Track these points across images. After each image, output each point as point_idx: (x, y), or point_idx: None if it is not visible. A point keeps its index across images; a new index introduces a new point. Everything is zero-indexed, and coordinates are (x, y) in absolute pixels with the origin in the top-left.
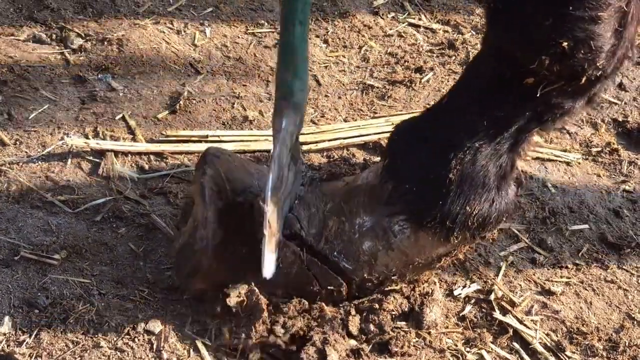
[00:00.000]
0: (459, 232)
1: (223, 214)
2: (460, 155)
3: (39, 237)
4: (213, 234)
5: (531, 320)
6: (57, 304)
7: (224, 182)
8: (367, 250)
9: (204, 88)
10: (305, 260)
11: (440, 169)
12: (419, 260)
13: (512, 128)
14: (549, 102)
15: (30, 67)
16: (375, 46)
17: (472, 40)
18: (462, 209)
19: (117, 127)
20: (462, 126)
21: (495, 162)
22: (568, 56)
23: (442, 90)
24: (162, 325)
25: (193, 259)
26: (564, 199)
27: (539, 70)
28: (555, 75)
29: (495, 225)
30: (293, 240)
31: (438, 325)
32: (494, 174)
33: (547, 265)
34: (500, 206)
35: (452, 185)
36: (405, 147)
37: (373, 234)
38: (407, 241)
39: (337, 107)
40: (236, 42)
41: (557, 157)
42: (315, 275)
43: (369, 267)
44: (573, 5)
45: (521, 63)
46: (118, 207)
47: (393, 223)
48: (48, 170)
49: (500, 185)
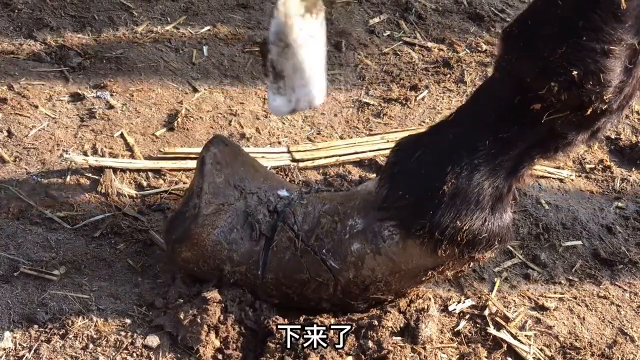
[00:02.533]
0: (447, 246)
1: (219, 190)
2: (457, 169)
3: (39, 253)
4: (206, 204)
5: (525, 336)
6: (57, 320)
7: (226, 164)
8: (355, 251)
9: (202, 105)
10: (299, 248)
11: (436, 180)
12: (405, 269)
13: (513, 152)
14: (553, 130)
15: (29, 85)
16: (371, 64)
17: (467, 58)
18: (452, 222)
19: (115, 144)
20: (463, 142)
21: (492, 182)
22: (577, 85)
23: (437, 107)
24: (160, 340)
25: (183, 225)
26: (558, 215)
27: (547, 97)
28: (562, 104)
29: (486, 247)
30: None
31: (433, 340)
32: (489, 194)
33: (541, 281)
34: (492, 227)
35: (444, 197)
36: (405, 156)
37: (363, 236)
38: (395, 247)
39: (333, 124)
40: (233, 60)
41: (550, 174)
42: (306, 265)
43: (355, 269)
44: (586, 36)
45: (531, 88)
46: (116, 223)
47: (383, 228)
48: (47, 187)
49: (495, 206)
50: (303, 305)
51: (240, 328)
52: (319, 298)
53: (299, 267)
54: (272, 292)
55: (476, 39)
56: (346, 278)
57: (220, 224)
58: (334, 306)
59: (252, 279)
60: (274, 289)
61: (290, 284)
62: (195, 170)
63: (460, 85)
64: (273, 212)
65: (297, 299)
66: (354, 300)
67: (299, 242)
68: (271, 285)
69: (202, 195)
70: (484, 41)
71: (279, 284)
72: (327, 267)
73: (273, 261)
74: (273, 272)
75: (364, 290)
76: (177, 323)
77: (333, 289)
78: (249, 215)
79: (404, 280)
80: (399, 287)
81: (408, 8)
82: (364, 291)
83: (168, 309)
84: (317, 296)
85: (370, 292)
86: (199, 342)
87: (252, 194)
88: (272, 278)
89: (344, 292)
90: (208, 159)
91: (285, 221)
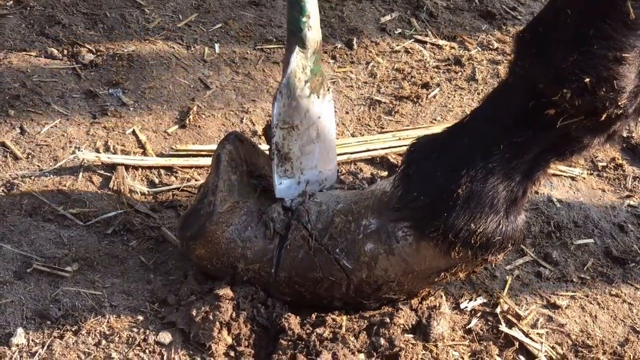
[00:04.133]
0: (461, 248)
1: (234, 188)
2: (472, 172)
3: (51, 249)
4: (221, 201)
5: (537, 334)
6: (69, 316)
7: (242, 162)
8: (368, 251)
9: (213, 103)
10: (312, 247)
11: (450, 182)
12: (418, 270)
13: (528, 155)
14: (568, 135)
15: (42, 82)
16: (382, 62)
17: (478, 56)
18: (466, 225)
19: (127, 142)
20: (478, 145)
21: (507, 185)
22: (590, 92)
23: (449, 105)
24: (173, 336)
25: (197, 222)
26: (569, 214)
27: (560, 103)
28: (575, 109)
29: (499, 250)
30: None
31: (445, 338)
32: (503, 197)
33: (553, 279)
34: (506, 230)
35: (459, 200)
36: (420, 158)
37: (377, 236)
38: (408, 248)
39: (344, 122)
40: (245, 57)
41: (562, 172)
42: (319, 264)
43: (368, 269)
44: (598, 44)
45: (544, 93)
46: (129, 220)
47: (397, 229)
48: (60, 184)
49: (510, 209)
50: (315, 304)
51: (252, 325)
52: (332, 297)
53: (312, 265)
54: (285, 290)
55: (487, 36)
56: (359, 278)
57: (234, 221)
58: (346, 305)
59: (266, 277)
60: (286, 287)
61: (303, 282)
62: (210, 167)
63: (472, 83)
64: (287, 210)
65: (310, 297)
66: (366, 300)
67: (313, 240)
68: (284, 284)
69: (217, 192)
70: (496, 39)
71: (291, 282)
72: (340, 267)
73: (286, 259)
74: (286, 270)
75: (376, 290)
76: (189, 320)
77: (346, 288)
78: (263, 213)
79: (416, 280)
80: (411, 287)
81: (419, 6)
82: (377, 291)
83: (180, 305)
84: (330, 295)
85: (383, 291)
86: (211, 339)
87: (267, 192)
88: (285, 276)
89: (356, 292)
90: (224, 156)
91: (299, 220)
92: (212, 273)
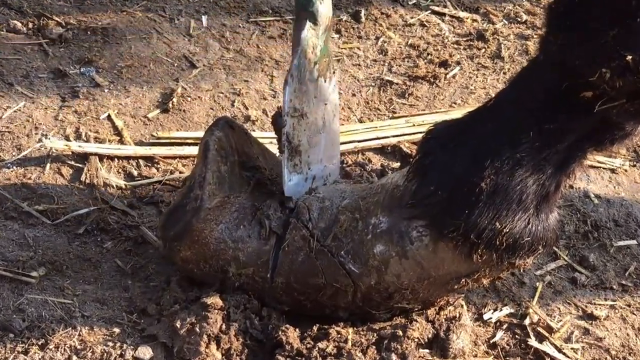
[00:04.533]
0: (484, 250)
1: (224, 180)
2: (497, 163)
3: (14, 252)
4: (209, 196)
5: (571, 349)
6: (35, 328)
7: (233, 151)
8: (378, 254)
9: (200, 84)
10: (314, 248)
11: (473, 175)
12: (435, 276)
13: (562, 144)
14: (608, 120)
15: (3, 60)
16: (394, 37)
17: (504, 30)
18: (490, 224)
19: (102, 128)
20: (504, 133)
21: (537, 178)
22: (632, 72)
23: (470, 86)
24: (154, 351)
25: (183, 220)
26: (609, 211)
27: (598, 84)
28: (616, 91)
29: (528, 252)
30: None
31: (466, 353)
32: (533, 192)
33: (590, 286)
34: (536, 230)
35: (482, 195)
36: (438, 147)
37: (388, 237)
38: (424, 251)
39: (351, 105)
40: (236, 32)
41: (600, 164)
42: (322, 268)
43: (377, 274)
44: None
45: (580, 73)
46: (103, 218)
47: (411, 228)
48: (24, 177)
49: (541, 206)
50: (317, 314)
51: (245, 339)
52: (336, 306)
53: (313, 270)
54: (282, 298)
55: (515, 8)
56: (367, 284)
57: (225, 219)
58: (353, 315)
59: (261, 283)
60: (284, 294)
61: (303, 289)
62: (197, 157)
63: (497, 61)
64: (285, 207)
65: (311, 306)
66: (375, 309)
67: (314, 241)
68: (281, 291)
69: (205, 185)
70: (524, 10)
71: (290, 289)
72: (346, 271)
73: (284, 263)
74: (284, 275)
75: (387, 299)
76: (172, 332)
77: (352, 296)
78: (257, 209)
79: (433, 288)
80: (427, 295)
81: None
82: (387, 299)
83: (162, 316)
84: (334, 304)
85: (395, 300)
86: (197, 354)
87: (261, 185)
88: (283, 282)
89: (364, 300)
90: (212, 144)
91: (298, 217)
92: (199, 278)
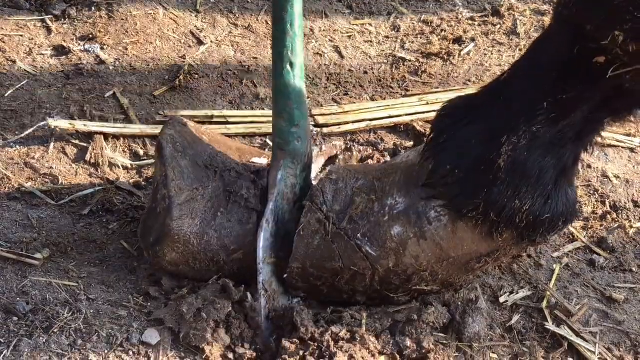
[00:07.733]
0: (505, 229)
1: (188, 173)
2: (514, 139)
3: (18, 233)
4: (177, 191)
5: (589, 332)
6: (39, 311)
7: (189, 145)
8: (396, 236)
9: (208, 61)
10: (330, 232)
11: (490, 152)
12: (454, 256)
13: (577, 115)
14: (622, 88)
15: (6, 37)
16: (407, 13)
17: (520, 6)
18: (510, 202)
19: (107, 106)
20: (520, 107)
21: (555, 153)
22: None
23: (485, 63)
24: (160, 336)
25: (157, 223)
26: (628, 192)
27: (611, 48)
28: (629, 56)
29: (549, 229)
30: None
31: (481, 337)
32: (552, 167)
33: (608, 269)
34: (556, 206)
35: (500, 173)
36: (454, 124)
37: (405, 218)
38: (443, 231)
39: (362, 83)
40: (245, 7)
41: (619, 143)
42: (339, 252)
43: (395, 257)
44: None
45: (592, 37)
46: (109, 199)
47: (429, 208)
48: (27, 156)
49: (559, 181)
50: (334, 299)
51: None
52: (353, 290)
53: (330, 254)
54: (298, 283)
55: None
56: (385, 267)
57: (200, 211)
58: (370, 299)
59: (254, 263)
60: (300, 280)
61: (319, 274)
62: (154, 160)
63: (513, 37)
64: (256, 183)
65: (327, 291)
66: (393, 293)
67: (330, 225)
68: (297, 276)
69: (168, 183)
70: None
71: (306, 275)
72: (364, 254)
73: (299, 248)
74: (299, 260)
75: (405, 281)
76: (179, 317)
77: (370, 280)
78: (230, 193)
79: (452, 268)
80: (446, 276)
81: None
82: (406, 282)
83: (169, 300)
84: (351, 288)
85: (413, 282)
86: (204, 340)
87: (228, 170)
88: (299, 267)
89: (382, 283)
90: (165, 142)
91: (312, 200)
92: (194, 277)
